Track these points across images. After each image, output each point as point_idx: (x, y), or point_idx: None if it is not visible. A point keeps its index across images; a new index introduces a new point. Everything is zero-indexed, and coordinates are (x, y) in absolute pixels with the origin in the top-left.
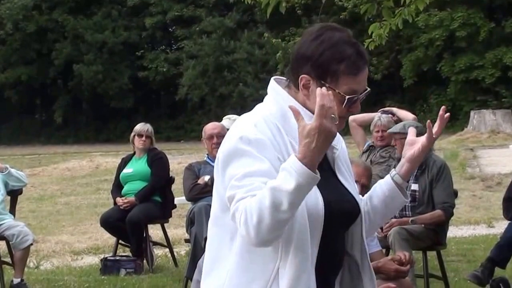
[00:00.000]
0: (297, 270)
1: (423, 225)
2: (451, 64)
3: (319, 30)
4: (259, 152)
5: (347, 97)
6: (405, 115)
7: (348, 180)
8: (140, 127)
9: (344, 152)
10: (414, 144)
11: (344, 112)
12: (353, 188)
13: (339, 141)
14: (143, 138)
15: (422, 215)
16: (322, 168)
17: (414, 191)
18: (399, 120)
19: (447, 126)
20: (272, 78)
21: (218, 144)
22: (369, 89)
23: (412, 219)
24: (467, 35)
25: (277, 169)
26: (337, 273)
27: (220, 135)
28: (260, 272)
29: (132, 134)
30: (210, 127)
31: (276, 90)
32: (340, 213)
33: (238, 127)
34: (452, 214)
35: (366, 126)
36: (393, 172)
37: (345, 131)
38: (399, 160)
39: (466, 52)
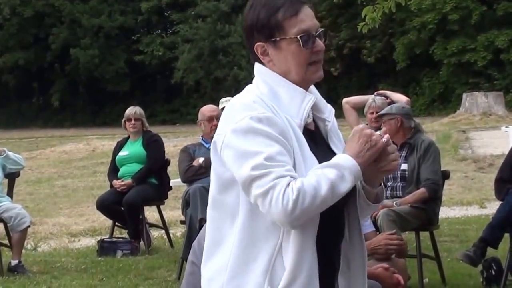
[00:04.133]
0: (300, 244)
1: (409, 205)
2: (443, 47)
3: (249, 3)
4: (273, 130)
5: (298, 37)
6: (399, 97)
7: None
8: (128, 111)
9: (335, 125)
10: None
11: (310, 55)
12: None
13: (330, 114)
14: (132, 122)
15: (405, 198)
16: (317, 141)
17: (404, 170)
18: (392, 103)
19: (439, 109)
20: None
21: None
22: (322, 28)
23: (396, 202)
24: (459, 18)
25: (286, 143)
26: (338, 245)
27: (219, 118)
28: (264, 248)
29: (123, 119)
30: (209, 109)
31: (262, 71)
32: None
33: (238, 108)
34: (436, 191)
35: (359, 109)
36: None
37: (338, 114)
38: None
39: (458, 35)
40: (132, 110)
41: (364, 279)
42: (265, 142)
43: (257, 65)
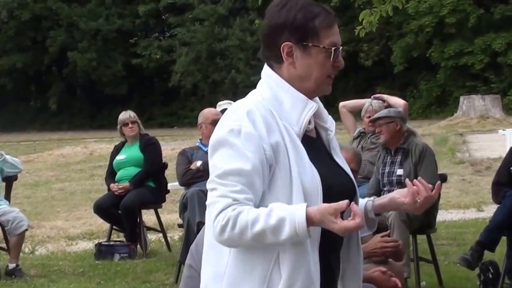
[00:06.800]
0: (298, 252)
1: None
2: (440, 50)
3: (282, 1)
4: (246, 147)
5: (333, 48)
6: (396, 101)
7: (344, 162)
8: (122, 116)
9: (334, 139)
10: (411, 197)
11: (331, 68)
12: (348, 169)
13: (332, 124)
14: (130, 125)
15: None
16: (317, 149)
17: (400, 176)
18: (389, 106)
19: (437, 112)
20: (265, 63)
21: None
22: (342, 46)
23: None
24: (457, 22)
25: (260, 162)
26: (338, 251)
27: None
28: (261, 256)
29: (118, 126)
30: (213, 113)
31: (269, 74)
32: (338, 192)
33: (230, 116)
34: (439, 194)
35: (356, 113)
36: (371, 198)
37: (336, 117)
38: (383, 146)
39: (455, 38)
40: (126, 115)
41: (359, 284)
42: (229, 156)
43: (266, 68)
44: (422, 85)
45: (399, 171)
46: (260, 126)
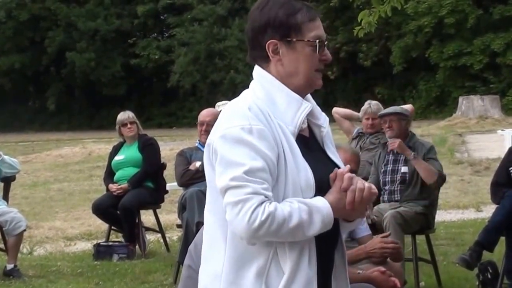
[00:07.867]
0: (297, 249)
1: (414, 211)
2: (439, 51)
3: (263, 1)
4: (262, 145)
5: (317, 41)
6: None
7: (337, 158)
8: (121, 117)
9: (329, 132)
10: None
11: (318, 62)
12: (342, 165)
13: (325, 120)
14: (129, 126)
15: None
16: (311, 148)
17: (405, 173)
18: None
19: (436, 112)
20: (256, 64)
21: (207, 132)
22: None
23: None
24: (456, 22)
25: (274, 158)
26: (336, 245)
27: (211, 124)
28: (257, 254)
29: (117, 126)
30: (204, 114)
31: (261, 74)
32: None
33: (234, 115)
34: (443, 180)
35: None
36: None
37: (331, 119)
38: (384, 144)
39: (454, 39)
40: (124, 115)
41: (347, 282)
42: (250, 155)
43: (257, 68)
44: (421, 85)
45: (404, 169)
46: (264, 122)
